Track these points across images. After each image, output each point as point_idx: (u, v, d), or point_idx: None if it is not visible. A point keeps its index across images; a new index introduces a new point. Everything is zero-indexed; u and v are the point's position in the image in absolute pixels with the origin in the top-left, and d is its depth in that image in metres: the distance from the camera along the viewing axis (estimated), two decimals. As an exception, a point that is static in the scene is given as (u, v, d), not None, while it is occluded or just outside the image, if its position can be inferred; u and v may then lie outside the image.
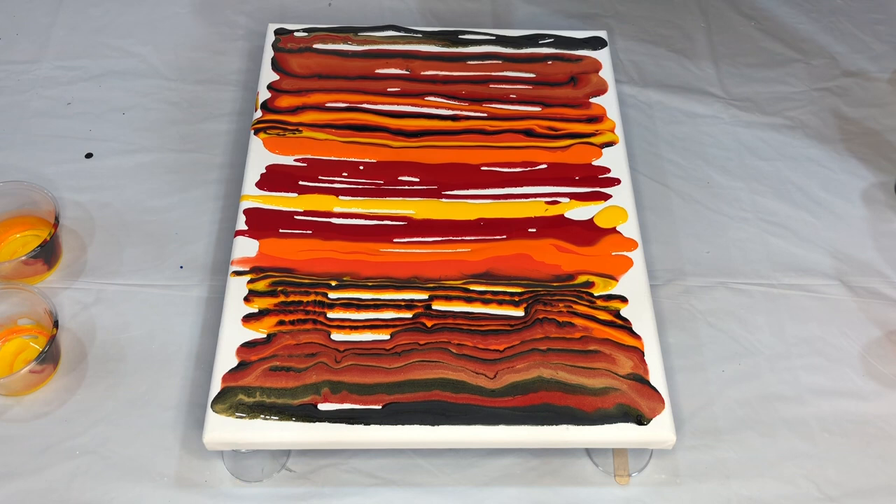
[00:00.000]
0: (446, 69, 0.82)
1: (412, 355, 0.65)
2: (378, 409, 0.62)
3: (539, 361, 0.65)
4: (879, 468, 0.66)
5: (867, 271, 0.77)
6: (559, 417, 0.63)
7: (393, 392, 0.63)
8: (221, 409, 0.62)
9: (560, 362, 0.65)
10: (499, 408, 0.63)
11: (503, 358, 0.65)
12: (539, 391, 0.64)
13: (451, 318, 0.67)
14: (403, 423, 0.62)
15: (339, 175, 0.75)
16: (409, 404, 0.63)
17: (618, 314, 0.68)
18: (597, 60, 0.84)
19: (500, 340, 0.66)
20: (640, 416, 0.63)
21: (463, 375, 0.64)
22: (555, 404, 0.63)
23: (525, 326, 0.67)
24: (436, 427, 0.62)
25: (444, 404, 0.63)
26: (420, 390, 0.63)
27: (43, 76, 0.86)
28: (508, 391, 0.64)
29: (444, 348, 0.66)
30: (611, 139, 0.78)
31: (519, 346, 0.66)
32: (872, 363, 0.72)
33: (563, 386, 0.64)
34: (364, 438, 0.62)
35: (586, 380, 0.64)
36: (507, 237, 0.72)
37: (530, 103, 0.80)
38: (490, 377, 0.64)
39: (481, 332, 0.67)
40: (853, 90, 0.90)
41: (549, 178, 0.75)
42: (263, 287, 0.68)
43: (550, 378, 0.64)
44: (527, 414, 0.63)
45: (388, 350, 0.65)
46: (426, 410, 0.63)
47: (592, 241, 0.72)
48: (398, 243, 0.71)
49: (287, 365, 0.64)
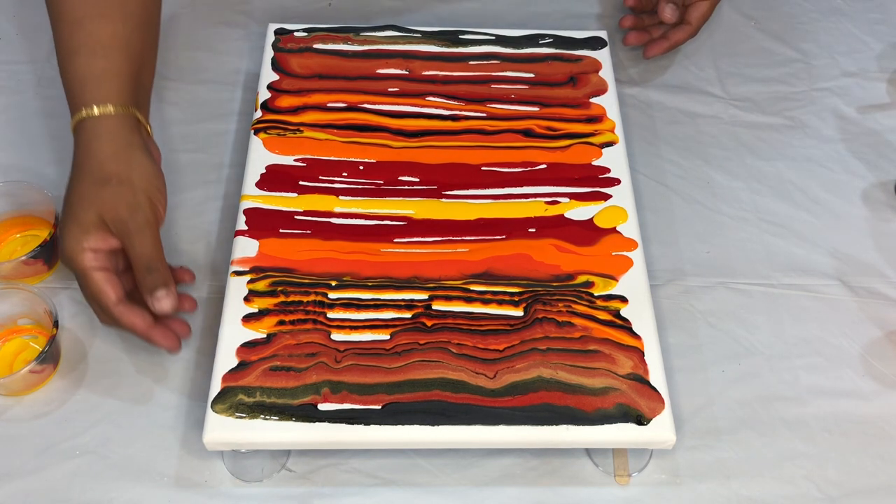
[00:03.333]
0: (446, 69, 0.82)
1: (412, 355, 0.65)
2: (378, 410, 0.62)
3: (539, 361, 0.65)
4: (879, 468, 0.66)
5: (867, 271, 0.77)
6: (559, 417, 0.63)
7: (393, 392, 0.63)
8: (221, 409, 0.62)
9: (560, 362, 0.65)
10: (499, 408, 0.63)
11: (503, 358, 0.65)
12: (539, 391, 0.64)
13: (451, 317, 0.67)
14: (403, 423, 0.62)
15: (340, 175, 0.75)
16: (409, 404, 0.63)
17: (617, 314, 0.68)
18: (597, 60, 0.84)
19: (499, 340, 0.66)
20: (640, 416, 0.63)
21: (463, 375, 0.64)
22: (555, 404, 0.63)
23: (525, 326, 0.67)
24: (436, 427, 0.62)
25: (443, 404, 0.63)
26: (420, 390, 0.63)
27: (43, 76, 0.86)
28: (508, 391, 0.64)
29: (444, 348, 0.66)
30: (611, 139, 0.78)
31: (519, 346, 0.66)
32: (872, 363, 0.72)
33: (563, 386, 0.64)
34: (364, 438, 0.62)
35: (586, 380, 0.64)
36: (507, 237, 0.72)
37: (530, 103, 0.80)
38: (490, 377, 0.64)
39: (481, 332, 0.67)
40: (853, 90, 0.90)
41: (548, 179, 0.76)
42: (263, 287, 0.68)
43: (550, 378, 0.64)
44: (527, 414, 0.63)
45: (388, 350, 0.65)
46: (426, 410, 0.63)
47: (592, 241, 0.72)
48: (398, 243, 0.71)
49: (287, 365, 0.64)
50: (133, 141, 0.66)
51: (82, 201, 0.64)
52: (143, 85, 0.71)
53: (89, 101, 0.66)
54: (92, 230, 0.63)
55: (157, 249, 0.64)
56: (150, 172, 0.66)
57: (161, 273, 0.64)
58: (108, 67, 0.67)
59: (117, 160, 0.65)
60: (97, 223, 0.63)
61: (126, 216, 0.63)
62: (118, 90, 0.67)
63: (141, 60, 0.70)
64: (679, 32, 0.87)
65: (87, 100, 0.66)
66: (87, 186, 0.65)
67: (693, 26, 0.87)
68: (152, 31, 0.73)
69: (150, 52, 0.72)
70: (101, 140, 0.65)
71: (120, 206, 0.64)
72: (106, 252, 0.64)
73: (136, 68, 0.69)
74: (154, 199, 0.65)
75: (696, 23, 0.87)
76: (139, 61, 0.69)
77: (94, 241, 0.63)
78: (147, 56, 0.71)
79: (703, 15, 0.87)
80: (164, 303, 0.63)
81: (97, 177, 0.65)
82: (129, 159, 0.66)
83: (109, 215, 0.63)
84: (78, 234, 0.63)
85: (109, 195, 0.64)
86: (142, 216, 0.64)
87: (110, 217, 0.63)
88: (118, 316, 0.64)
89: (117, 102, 0.66)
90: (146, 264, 0.63)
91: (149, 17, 0.72)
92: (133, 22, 0.69)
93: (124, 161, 0.65)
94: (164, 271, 0.64)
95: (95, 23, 0.68)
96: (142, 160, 0.66)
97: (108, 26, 0.68)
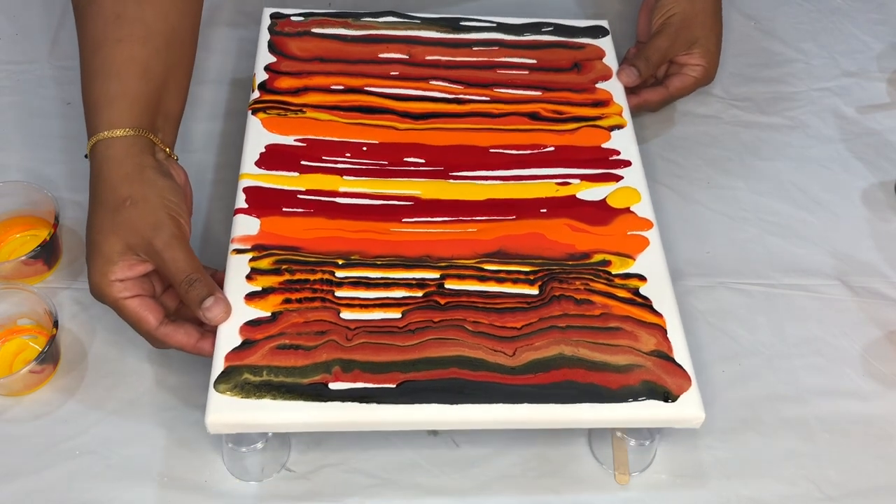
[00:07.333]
0: (448, 54, 0.81)
1: (427, 333, 0.63)
2: (392, 388, 0.60)
3: (559, 338, 0.63)
4: (879, 468, 0.66)
5: (867, 271, 0.77)
6: (583, 395, 0.60)
7: (408, 370, 0.61)
8: (225, 389, 0.59)
9: (581, 339, 0.63)
10: (521, 385, 0.60)
11: (521, 335, 0.63)
12: (561, 368, 0.61)
13: (465, 296, 0.65)
14: (420, 401, 0.59)
15: (342, 155, 0.73)
16: (426, 382, 0.60)
17: (637, 292, 0.66)
18: (600, 48, 0.83)
19: (517, 318, 0.64)
20: (667, 393, 0.61)
21: (481, 353, 0.62)
22: (578, 381, 0.61)
23: (542, 304, 0.65)
24: (455, 406, 0.59)
25: (462, 382, 0.60)
26: (436, 368, 0.61)
27: (43, 76, 0.86)
28: (529, 368, 0.61)
29: (460, 326, 0.63)
30: (619, 122, 0.77)
31: (537, 324, 0.64)
32: (872, 363, 0.72)
33: (586, 363, 0.62)
34: (378, 419, 0.59)
35: (609, 357, 0.62)
36: (518, 217, 0.70)
37: (534, 88, 0.79)
38: (509, 355, 0.62)
39: (497, 310, 0.64)
40: (853, 90, 0.90)
41: (557, 160, 0.74)
42: (267, 265, 0.65)
43: (572, 355, 0.62)
44: (550, 392, 0.60)
45: (402, 328, 0.63)
46: (444, 389, 0.60)
47: (606, 221, 0.70)
48: (407, 223, 0.69)
49: (296, 343, 0.61)
50: (145, 162, 0.63)
51: (101, 231, 0.62)
52: (166, 107, 0.67)
53: (99, 125, 0.64)
54: (117, 259, 0.61)
55: (191, 261, 0.62)
56: (165, 188, 0.63)
57: (203, 283, 0.61)
58: (120, 91, 0.64)
59: (129, 182, 0.62)
60: (121, 251, 0.61)
61: (150, 236, 0.61)
62: (129, 113, 0.64)
63: (162, 82, 0.66)
64: (652, 93, 0.83)
65: (98, 125, 0.64)
66: (103, 215, 0.62)
67: (668, 92, 0.83)
68: (179, 51, 0.69)
69: (177, 73, 0.68)
70: (110, 164, 0.63)
71: (141, 228, 0.61)
72: (135, 279, 0.62)
73: (155, 90, 0.66)
74: (174, 214, 0.62)
75: (673, 92, 0.83)
76: (159, 83, 0.66)
77: (120, 272, 0.61)
78: (173, 77, 0.68)
79: (683, 87, 0.84)
80: (214, 311, 0.61)
81: (111, 203, 0.62)
82: (141, 180, 0.63)
83: (133, 240, 0.61)
84: (102, 266, 0.61)
85: (127, 219, 0.61)
86: (166, 232, 0.61)
87: (134, 241, 0.61)
88: (164, 339, 0.62)
89: (128, 125, 0.63)
90: (184, 278, 0.61)
91: (174, 36, 0.68)
92: (154, 43, 0.66)
93: (137, 182, 0.62)
94: (206, 280, 0.62)
95: (113, 47, 0.65)
96: (155, 179, 0.63)
97: (125, 50, 0.65)
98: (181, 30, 0.69)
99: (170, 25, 0.68)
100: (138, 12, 0.66)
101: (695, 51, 0.83)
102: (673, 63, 0.85)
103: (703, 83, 0.84)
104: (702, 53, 0.83)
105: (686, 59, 0.84)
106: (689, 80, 0.84)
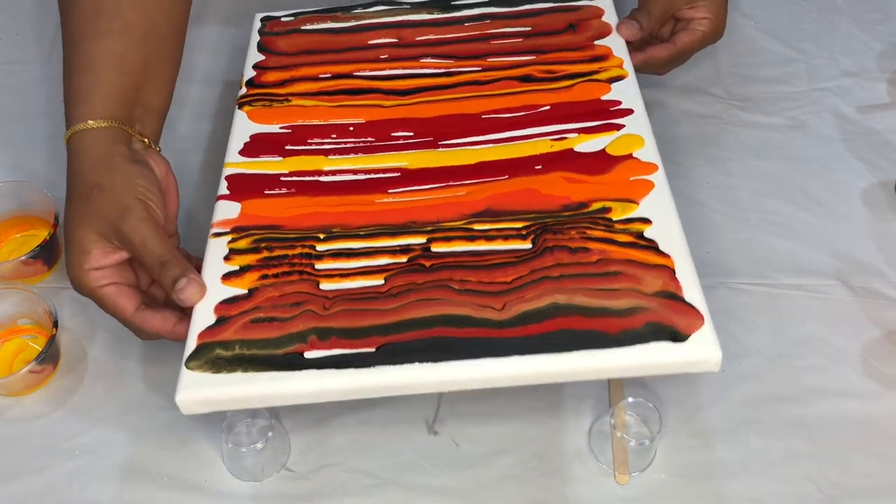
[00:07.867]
0: (440, 33, 0.79)
1: (409, 295, 0.59)
2: (371, 353, 0.56)
3: (552, 288, 0.58)
4: (879, 468, 0.66)
5: (867, 271, 0.77)
6: (580, 342, 0.55)
7: (388, 333, 0.57)
8: (196, 366, 0.56)
9: (576, 287, 0.58)
10: (509, 338, 0.56)
11: (511, 289, 0.58)
12: (556, 317, 0.56)
13: (452, 257, 0.61)
14: (400, 362, 0.55)
15: (328, 137, 0.71)
16: (407, 343, 0.56)
17: (640, 235, 0.61)
18: (598, 7, 0.80)
19: (506, 272, 0.59)
20: (674, 332, 0.55)
21: (467, 310, 0.57)
22: (574, 329, 0.56)
23: (534, 256, 0.60)
24: (437, 364, 0.55)
25: (446, 340, 0.56)
26: (419, 328, 0.57)
27: (43, 76, 0.86)
28: (519, 321, 0.56)
29: (445, 285, 0.59)
30: (619, 73, 0.74)
31: (528, 276, 0.59)
32: (872, 363, 0.72)
33: (582, 310, 0.57)
34: (356, 384, 0.55)
35: (608, 301, 0.57)
36: (510, 177, 0.66)
37: (527, 52, 0.76)
38: (497, 309, 0.57)
39: (486, 267, 0.60)
40: (853, 90, 0.90)
41: (553, 118, 0.71)
42: (245, 245, 0.63)
43: (566, 303, 0.57)
44: (542, 342, 0.55)
45: (383, 293, 0.59)
46: (426, 349, 0.56)
47: (605, 169, 0.66)
48: (392, 193, 0.66)
49: (270, 315, 0.59)
50: (115, 150, 0.63)
51: (73, 221, 0.62)
52: (145, 99, 0.67)
53: (75, 119, 0.64)
54: (90, 248, 0.61)
55: (162, 243, 0.61)
56: (134, 173, 0.63)
57: (175, 263, 0.60)
58: (94, 84, 0.65)
59: (97, 171, 0.63)
60: (93, 240, 0.61)
61: (118, 221, 0.61)
62: (103, 105, 0.64)
63: (141, 74, 0.67)
64: (659, 48, 0.80)
65: (74, 118, 0.64)
66: (75, 205, 0.62)
67: (676, 47, 0.80)
68: (160, 45, 0.69)
69: (158, 66, 0.69)
70: (80, 155, 0.63)
71: (109, 214, 0.61)
72: (112, 267, 0.62)
73: (132, 83, 0.66)
74: (143, 198, 0.62)
75: (681, 47, 0.80)
76: (137, 76, 0.66)
77: (94, 260, 0.61)
78: (153, 70, 0.68)
79: (691, 42, 0.81)
80: (188, 292, 0.60)
81: (81, 192, 0.62)
82: (110, 168, 0.63)
83: (102, 227, 0.61)
84: (76, 257, 0.61)
85: (95, 207, 0.61)
86: (134, 216, 0.61)
87: (104, 229, 0.61)
88: (140, 325, 0.61)
89: (101, 117, 0.64)
90: (156, 260, 0.60)
91: (154, 30, 0.68)
92: (131, 36, 0.66)
93: (105, 170, 0.63)
94: (179, 261, 0.60)
95: (91, 41, 0.66)
96: (123, 165, 0.63)
97: (102, 43, 0.66)
98: (162, 23, 0.69)
99: (148, 19, 0.68)
100: (116, 7, 0.66)
101: (699, 3, 0.80)
102: (679, 20, 0.82)
103: (711, 38, 0.81)
104: (707, 6, 0.80)
105: (691, 14, 0.80)
106: (697, 34, 0.80)
